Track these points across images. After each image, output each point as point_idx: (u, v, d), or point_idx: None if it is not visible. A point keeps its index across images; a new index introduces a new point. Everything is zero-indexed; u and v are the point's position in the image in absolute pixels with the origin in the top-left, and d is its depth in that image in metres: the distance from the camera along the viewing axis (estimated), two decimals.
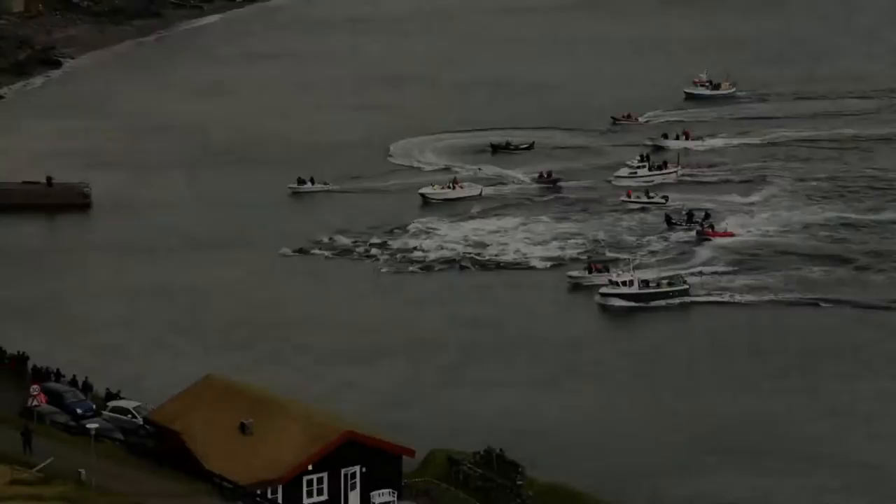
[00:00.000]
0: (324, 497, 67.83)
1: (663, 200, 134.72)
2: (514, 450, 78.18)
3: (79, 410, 75.58)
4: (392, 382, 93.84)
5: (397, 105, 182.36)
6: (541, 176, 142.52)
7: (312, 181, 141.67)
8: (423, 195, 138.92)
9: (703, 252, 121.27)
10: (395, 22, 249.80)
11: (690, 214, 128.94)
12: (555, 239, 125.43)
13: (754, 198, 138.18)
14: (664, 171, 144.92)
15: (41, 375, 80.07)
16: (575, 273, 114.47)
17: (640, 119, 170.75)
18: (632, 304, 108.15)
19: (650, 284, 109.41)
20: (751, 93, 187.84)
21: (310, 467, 67.32)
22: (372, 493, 69.06)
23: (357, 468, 68.78)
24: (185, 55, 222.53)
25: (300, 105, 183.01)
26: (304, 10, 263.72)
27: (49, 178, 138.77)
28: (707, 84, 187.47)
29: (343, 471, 68.40)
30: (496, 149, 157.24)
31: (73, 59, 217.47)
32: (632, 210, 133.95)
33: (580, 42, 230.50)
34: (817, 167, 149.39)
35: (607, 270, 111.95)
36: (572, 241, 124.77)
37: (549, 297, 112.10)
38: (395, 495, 69.80)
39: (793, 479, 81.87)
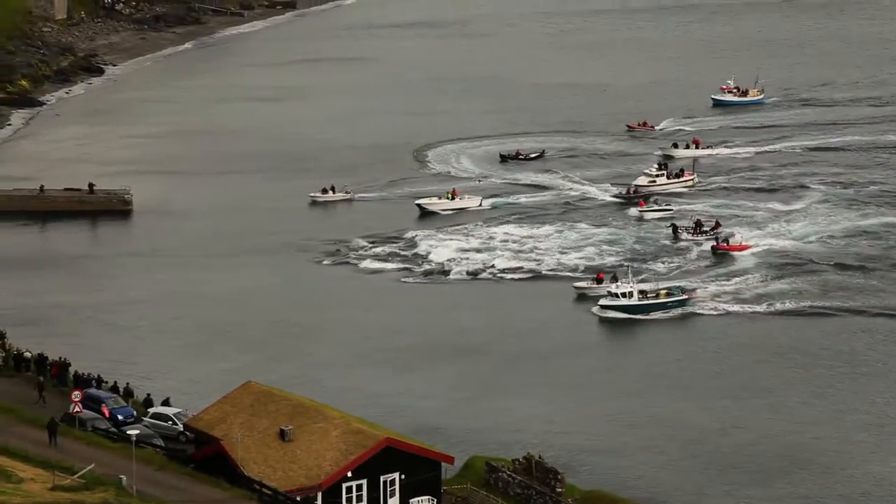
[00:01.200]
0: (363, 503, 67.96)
1: (671, 209, 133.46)
2: (553, 456, 78.05)
3: (119, 417, 75.93)
4: (430, 389, 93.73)
5: (440, 110, 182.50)
6: (628, 191, 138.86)
7: (333, 190, 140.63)
8: (419, 206, 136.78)
9: (719, 263, 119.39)
10: (445, 27, 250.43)
11: (698, 224, 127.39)
12: (574, 248, 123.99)
13: (775, 206, 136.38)
14: (681, 180, 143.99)
15: (83, 381, 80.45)
16: (581, 284, 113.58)
17: (656, 127, 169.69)
18: (630, 315, 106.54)
19: (648, 295, 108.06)
20: (780, 99, 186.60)
21: (349, 474, 67.40)
22: (411, 500, 69.05)
23: (396, 475, 68.82)
24: (225, 62, 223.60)
25: (341, 110, 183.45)
26: (344, 17, 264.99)
27: (91, 185, 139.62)
28: (735, 91, 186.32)
29: (382, 478, 68.44)
30: (505, 158, 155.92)
31: (114, 65, 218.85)
32: (646, 220, 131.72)
33: (640, 45, 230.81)
34: (837, 176, 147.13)
35: (615, 280, 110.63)
36: (588, 250, 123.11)
37: (568, 307, 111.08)
38: (434, 502, 69.76)
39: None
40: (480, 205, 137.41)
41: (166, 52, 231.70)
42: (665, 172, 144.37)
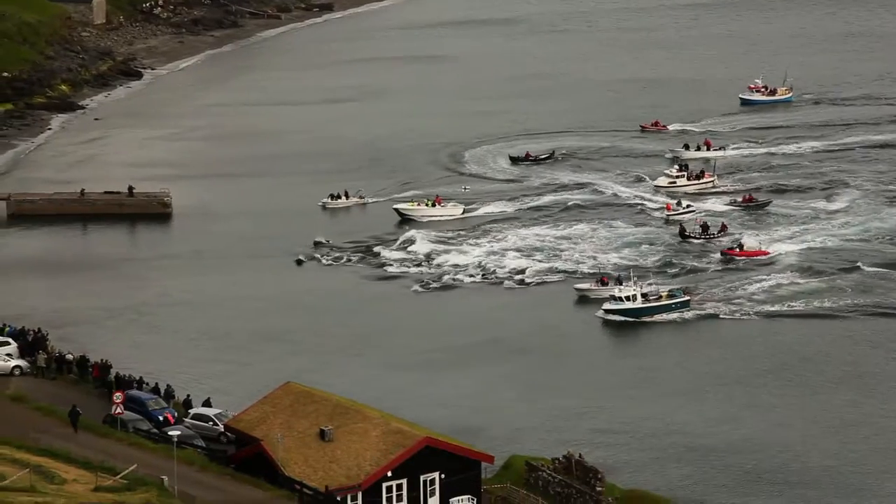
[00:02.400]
0: (403, 503, 67.99)
1: (693, 209, 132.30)
2: (593, 455, 77.97)
3: (161, 418, 76.33)
4: (470, 389, 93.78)
5: (485, 110, 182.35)
6: (745, 199, 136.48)
7: (347, 195, 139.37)
8: (397, 211, 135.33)
9: (727, 267, 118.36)
10: (488, 26, 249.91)
11: (705, 226, 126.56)
12: (601, 250, 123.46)
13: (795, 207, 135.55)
14: (701, 181, 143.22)
15: (124, 383, 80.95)
16: (581, 285, 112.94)
17: (669, 127, 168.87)
18: (633, 318, 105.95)
19: (650, 297, 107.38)
20: (814, 97, 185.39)
21: (389, 474, 67.51)
22: (451, 500, 69.10)
23: (436, 475, 68.88)
24: (263, 64, 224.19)
25: (382, 111, 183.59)
26: (382, 19, 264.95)
27: (130, 188, 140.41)
28: (763, 90, 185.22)
29: (422, 477, 68.52)
30: (515, 161, 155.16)
31: (153, 69, 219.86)
32: (672, 223, 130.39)
33: (680, 42, 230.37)
34: (861, 177, 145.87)
35: (619, 283, 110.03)
36: (609, 256, 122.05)
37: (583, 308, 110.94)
38: (474, 502, 69.79)
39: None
40: (462, 213, 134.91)
41: (204, 56, 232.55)
42: (686, 173, 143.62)
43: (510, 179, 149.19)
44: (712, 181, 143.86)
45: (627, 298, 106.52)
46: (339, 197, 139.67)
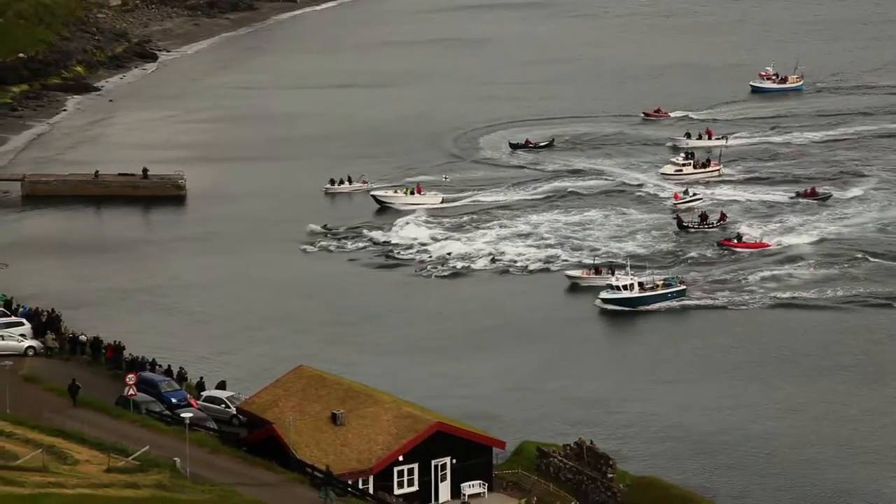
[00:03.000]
0: (414, 488, 68.15)
1: (701, 198, 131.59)
2: (604, 442, 78.01)
3: (173, 400, 76.52)
4: (481, 375, 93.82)
5: (499, 94, 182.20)
6: (805, 193, 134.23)
7: (350, 180, 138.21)
8: (375, 198, 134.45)
9: (725, 257, 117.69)
10: (506, 9, 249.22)
11: (704, 216, 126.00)
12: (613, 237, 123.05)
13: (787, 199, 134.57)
14: (708, 170, 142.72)
15: (137, 365, 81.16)
16: (573, 272, 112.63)
17: (671, 115, 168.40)
18: (631, 308, 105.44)
19: (646, 287, 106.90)
20: (823, 86, 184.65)
21: (400, 458, 67.66)
22: (462, 485, 69.26)
23: (447, 459, 69.03)
24: (278, 47, 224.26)
25: (398, 95, 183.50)
26: (399, 2, 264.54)
27: (145, 170, 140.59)
28: (774, 77, 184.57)
29: (433, 462, 68.68)
30: (515, 147, 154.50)
31: (168, 51, 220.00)
32: (679, 212, 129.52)
33: (699, 28, 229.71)
34: (869, 167, 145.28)
35: (612, 272, 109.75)
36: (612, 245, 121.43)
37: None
38: (486, 487, 69.94)
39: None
40: (442, 202, 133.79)
41: (219, 38, 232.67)
42: (692, 162, 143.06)
43: (514, 166, 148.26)
44: (718, 169, 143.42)
45: (625, 287, 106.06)
46: (341, 182, 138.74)
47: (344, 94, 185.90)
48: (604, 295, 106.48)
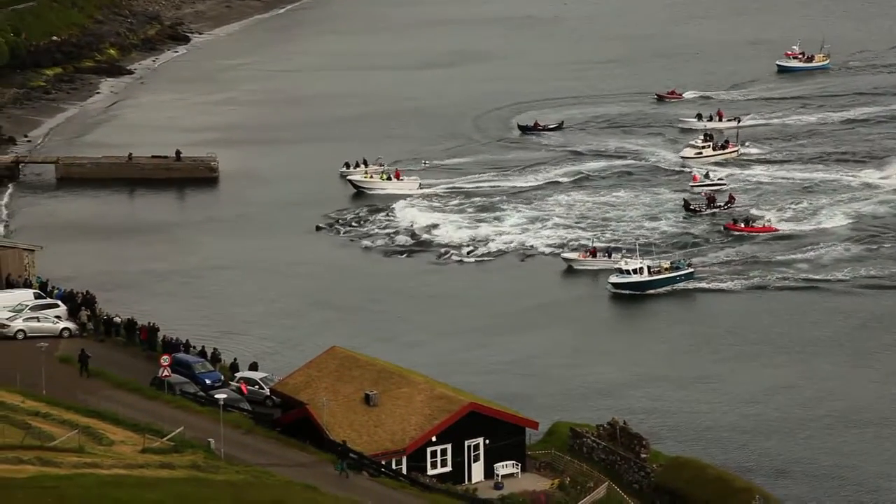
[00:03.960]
0: (447, 468, 68.23)
1: (725, 184, 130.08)
2: (638, 422, 77.89)
3: (207, 381, 76.83)
4: (515, 356, 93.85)
5: (531, 75, 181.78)
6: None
7: (365, 163, 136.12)
8: (352, 182, 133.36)
9: (733, 241, 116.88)
10: None
11: (711, 199, 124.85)
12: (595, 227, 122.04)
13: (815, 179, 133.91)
14: (726, 151, 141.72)
15: (171, 346, 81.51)
16: (569, 255, 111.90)
17: (685, 95, 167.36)
18: (641, 291, 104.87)
19: (652, 270, 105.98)
20: (850, 64, 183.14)
21: (434, 439, 67.73)
22: (495, 465, 69.29)
23: (480, 440, 69.06)
24: (311, 29, 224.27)
25: (432, 76, 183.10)
26: None
27: (178, 152, 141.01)
28: (800, 56, 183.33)
29: (467, 443, 68.72)
30: (524, 130, 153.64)
31: (200, 34, 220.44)
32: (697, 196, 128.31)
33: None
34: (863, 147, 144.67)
35: (608, 255, 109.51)
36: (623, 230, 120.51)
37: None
38: (519, 467, 69.97)
39: None
40: (419, 187, 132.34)
41: (251, 20, 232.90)
42: (711, 144, 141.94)
43: (521, 149, 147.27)
44: (737, 150, 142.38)
45: (635, 271, 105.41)
46: (356, 165, 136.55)
47: (378, 75, 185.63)
48: (614, 279, 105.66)
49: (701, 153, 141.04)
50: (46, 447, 56.01)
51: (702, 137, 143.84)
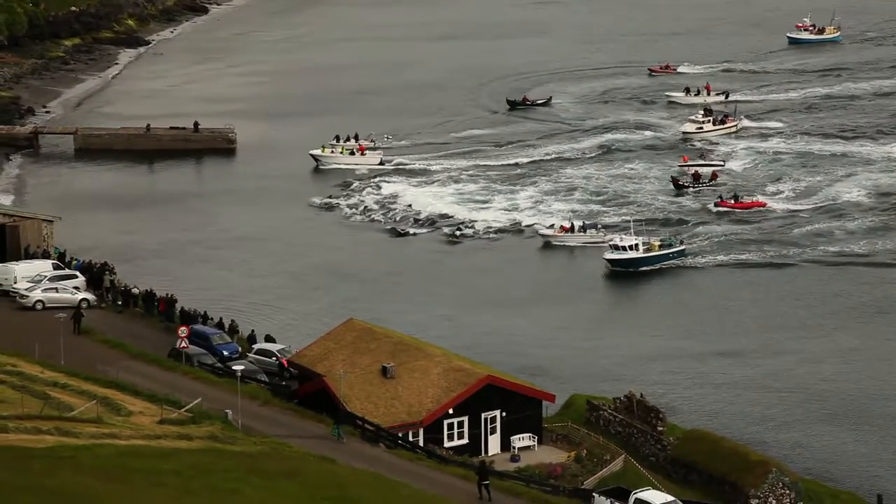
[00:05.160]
0: (464, 441, 68.38)
1: (722, 164, 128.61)
2: (654, 395, 77.94)
3: (225, 353, 77.04)
4: (532, 328, 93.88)
5: (559, 47, 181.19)
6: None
7: (357, 138, 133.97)
8: (313, 156, 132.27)
9: (723, 217, 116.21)
10: None
11: (697, 176, 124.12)
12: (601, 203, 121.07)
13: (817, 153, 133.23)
14: (726, 126, 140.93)
15: (189, 318, 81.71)
16: (546, 231, 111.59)
17: (678, 69, 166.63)
18: (636, 268, 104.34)
19: (643, 247, 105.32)
20: (860, 36, 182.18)
21: (450, 411, 67.87)
22: (512, 438, 69.42)
23: (497, 413, 69.18)
24: (329, 0, 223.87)
25: (450, 49, 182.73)
26: None
27: (196, 124, 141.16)
28: (811, 28, 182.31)
29: (483, 415, 68.84)
30: (513, 105, 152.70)
31: (218, 5, 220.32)
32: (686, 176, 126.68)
33: None
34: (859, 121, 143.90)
35: (584, 230, 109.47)
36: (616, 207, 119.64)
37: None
38: (536, 440, 70.09)
39: None
40: (381, 163, 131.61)
41: None
42: (711, 119, 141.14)
43: (505, 124, 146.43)
44: (736, 125, 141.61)
45: (630, 248, 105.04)
46: (347, 140, 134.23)
47: (398, 47, 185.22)
48: (609, 255, 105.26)
49: (702, 128, 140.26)
50: (65, 417, 56.29)
51: (702, 112, 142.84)
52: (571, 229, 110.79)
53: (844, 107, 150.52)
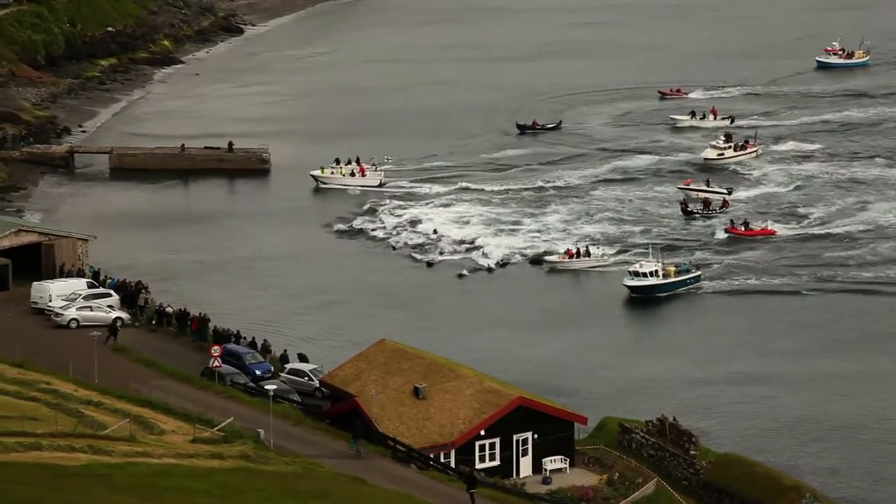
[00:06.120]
0: (496, 462, 68.29)
1: (726, 192, 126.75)
2: (687, 419, 77.61)
3: (258, 372, 77.21)
4: (564, 351, 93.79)
5: (593, 67, 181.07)
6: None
7: (358, 161, 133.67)
8: (314, 177, 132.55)
9: (733, 243, 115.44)
10: None
11: (707, 203, 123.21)
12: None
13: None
14: (747, 151, 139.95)
15: (222, 337, 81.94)
16: (552, 257, 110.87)
17: (689, 94, 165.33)
18: (654, 294, 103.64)
19: (659, 273, 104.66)
20: (891, 60, 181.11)
21: (482, 432, 67.79)
22: (544, 460, 69.28)
23: (529, 434, 69.07)
24: (366, 21, 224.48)
25: (484, 70, 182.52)
26: None
27: (230, 144, 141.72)
28: (840, 52, 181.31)
29: (515, 437, 68.74)
30: (522, 129, 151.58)
31: (253, 25, 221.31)
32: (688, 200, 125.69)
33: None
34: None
35: (588, 254, 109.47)
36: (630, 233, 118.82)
37: None
38: (567, 462, 69.91)
39: None
40: (380, 184, 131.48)
41: (305, 12, 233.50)
42: (732, 144, 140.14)
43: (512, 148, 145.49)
44: (756, 150, 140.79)
45: (651, 274, 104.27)
46: (348, 163, 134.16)
47: (433, 68, 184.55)
48: (630, 282, 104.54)
49: (723, 154, 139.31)
50: (99, 435, 56.48)
51: (723, 138, 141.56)
52: (578, 254, 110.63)
53: (873, 132, 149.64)
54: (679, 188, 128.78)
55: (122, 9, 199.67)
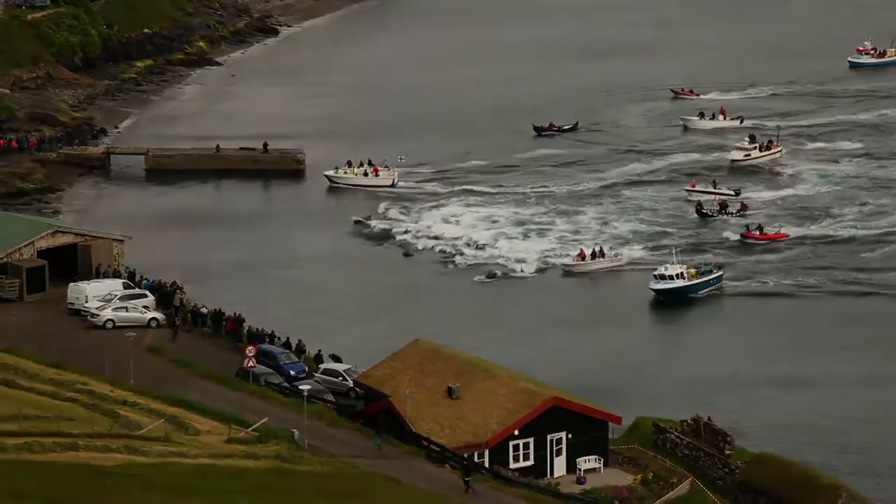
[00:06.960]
0: (530, 462, 68.30)
1: (733, 193, 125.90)
2: (722, 419, 77.34)
3: (292, 372, 77.45)
4: (598, 350, 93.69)
5: (623, 68, 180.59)
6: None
7: (370, 163, 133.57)
8: (328, 177, 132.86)
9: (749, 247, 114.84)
10: None
11: (723, 205, 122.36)
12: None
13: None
14: (771, 152, 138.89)
15: (256, 337, 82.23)
16: (567, 262, 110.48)
17: (702, 95, 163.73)
18: (681, 297, 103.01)
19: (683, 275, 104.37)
20: None
21: (516, 432, 67.80)
22: (578, 460, 69.23)
23: (563, 434, 69.04)
24: (401, 22, 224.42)
25: (523, 70, 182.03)
26: None
27: (265, 145, 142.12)
28: (872, 52, 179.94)
29: (549, 437, 68.73)
30: (539, 131, 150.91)
31: (289, 26, 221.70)
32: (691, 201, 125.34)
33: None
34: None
35: (602, 255, 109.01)
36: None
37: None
38: (602, 462, 69.84)
39: None
40: (393, 184, 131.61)
41: (341, 13, 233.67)
42: (757, 145, 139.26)
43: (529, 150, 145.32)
44: (780, 150, 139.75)
45: (677, 276, 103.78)
46: (360, 165, 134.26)
47: (471, 69, 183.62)
48: (657, 286, 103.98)
49: (749, 155, 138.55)
50: (134, 436, 56.85)
51: (748, 139, 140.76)
52: (593, 255, 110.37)
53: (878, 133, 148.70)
54: (686, 190, 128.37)
55: (158, 10, 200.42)
